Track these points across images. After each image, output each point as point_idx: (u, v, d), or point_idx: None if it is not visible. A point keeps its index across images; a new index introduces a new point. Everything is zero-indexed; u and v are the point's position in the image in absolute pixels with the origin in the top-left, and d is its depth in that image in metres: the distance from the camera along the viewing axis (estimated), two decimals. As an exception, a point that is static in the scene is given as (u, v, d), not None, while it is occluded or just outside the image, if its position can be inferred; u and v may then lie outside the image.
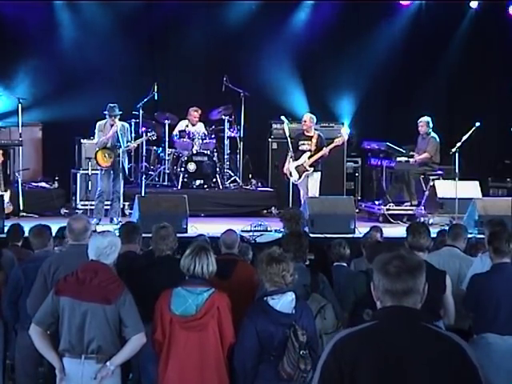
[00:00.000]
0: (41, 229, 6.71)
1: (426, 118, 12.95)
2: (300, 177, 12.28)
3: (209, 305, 5.29)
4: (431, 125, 12.93)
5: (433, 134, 12.91)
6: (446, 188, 12.34)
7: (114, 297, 5.05)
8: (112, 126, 11.82)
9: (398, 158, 13.22)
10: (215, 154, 13.79)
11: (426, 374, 2.97)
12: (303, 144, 12.43)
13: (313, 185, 12.29)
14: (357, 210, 12.32)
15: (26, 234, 8.08)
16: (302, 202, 11.66)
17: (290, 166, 12.35)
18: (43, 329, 5.12)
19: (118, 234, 6.96)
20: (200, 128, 13.88)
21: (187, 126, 13.88)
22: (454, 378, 2.97)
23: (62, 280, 5.17)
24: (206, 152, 13.67)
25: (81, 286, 5.07)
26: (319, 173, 12.39)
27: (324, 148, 12.37)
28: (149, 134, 12.56)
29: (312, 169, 12.27)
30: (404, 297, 3.07)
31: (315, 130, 12.65)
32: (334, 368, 3.01)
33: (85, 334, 5.05)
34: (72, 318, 5.07)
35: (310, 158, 12.27)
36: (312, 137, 12.43)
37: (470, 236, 8.00)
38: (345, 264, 7.48)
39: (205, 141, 13.73)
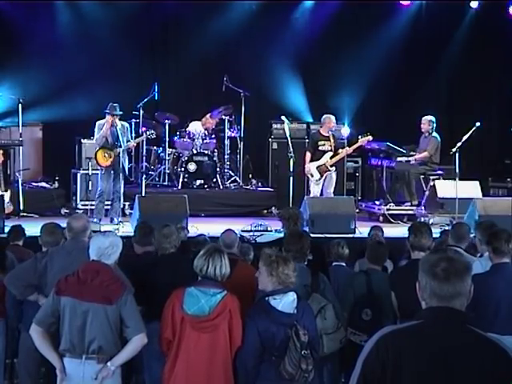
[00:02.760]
0: (54, 227, 6.70)
1: (430, 117, 12.96)
2: (321, 176, 12.42)
3: (222, 306, 5.28)
4: (434, 124, 12.93)
5: (434, 134, 12.93)
6: (446, 188, 12.34)
7: (115, 297, 5.05)
8: (112, 125, 11.82)
9: (398, 158, 13.24)
10: (215, 154, 13.80)
11: (472, 377, 2.95)
12: (323, 144, 12.56)
13: (332, 184, 12.55)
14: (357, 210, 12.33)
15: (27, 234, 8.15)
16: (305, 201, 11.64)
17: (311, 166, 12.46)
18: (44, 329, 5.11)
19: (133, 234, 7.03)
20: (200, 128, 13.89)
21: (187, 125, 13.88)
22: (499, 383, 2.95)
23: (63, 280, 5.15)
24: (206, 152, 13.67)
25: (82, 286, 5.07)
26: (336, 172, 12.64)
27: (347, 148, 12.78)
28: (148, 133, 12.54)
29: (334, 168, 12.50)
30: (451, 299, 3.05)
31: (329, 130, 12.82)
32: (376, 365, 2.98)
33: (86, 334, 5.04)
34: (73, 318, 5.06)
35: (331, 158, 12.40)
36: (329, 137, 12.57)
37: (470, 236, 8.01)
38: (344, 264, 7.48)
39: (205, 141, 13.74)
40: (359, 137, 12.75)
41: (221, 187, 13.80)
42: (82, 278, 5.09)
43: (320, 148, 12.57)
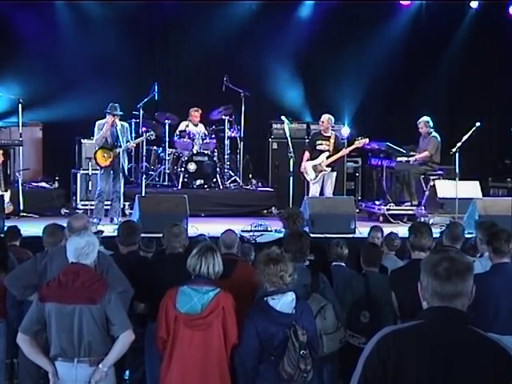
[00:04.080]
0: (54, 228, 6.70)
1: (424, 118, 12.97)
2: (316, 176, 12.41)
3: (214, 304, 5.30)
4: (431, 124, 12.95)
5: (434, 134, 12.93)
6: (446, 188, 12.33)
7: (98, 296, 5.04)
8: (112, 125, 11.82)
9: (398, 158, 13.23)
10: (215, 154, 13.79)
11: (472, 377, 2.96)
12: (321, 144, 12.57)
13: (330, 184, 12.53)
14: (357, 210, 12.31)
15: (26, 234, 8.15)
16: (305, 201, 11.65)
17: (307, 164, 12.46)
18: (30, 336, 5.09)
19: (116, 235, 7.03)
20: (200, 128, 13.90)
21: (187, 126, 13.88)
22: (500, 383, 2.95)
23: (45, 286, 5.14)
24: (206, 152, 13.67)
25: (64, 290, 5.04)
26: (335, 173, 12.62)
27: (344, 149, 12.68)
28: (147, 134, 12.55)
29: (329, 169, 12.46)
30: (453, 299, 3.05)
31: (332, 130, 12.78)
32: (377, 364, 2.98)
33: (74, 337, 5.03)
34: (59, 322, 5.04)
35: (328, 158, 12.40)
36: (329, 137, 12.59)
37: (469, 236, 8.01)
38: (343, 264, 7.48)
39: (205, 141, 13.74)
40: (359, 138, 12.73)
41: (221, 187, 13.80)
42: (63, 282, 5.07)
43: (318, 147, 12.57)
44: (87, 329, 5.02)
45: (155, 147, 14.08)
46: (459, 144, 11.92)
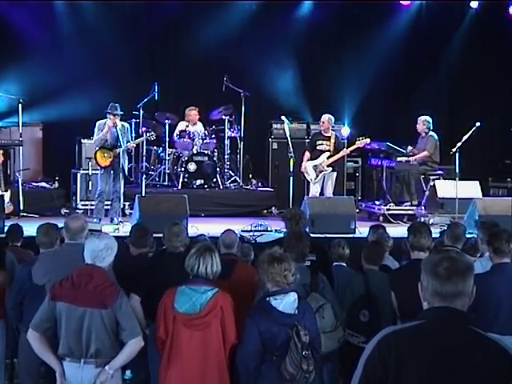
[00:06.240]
0: (48, 227, 6.69)
1: (424, 117, 12.98)
2: (317, 176, 12.42)
3: (212, 304, 5.31)
4: (430, 124, 12.94)
5: (431, 133, 12.94)
6: (446, 188, 12.33)
7: (110, 301, 5.03)
8: (112, 125, 11.82)
9: (398, 158, 13.23)
10: (215, 154, 13.79)
11: (473, 377, 2.96)
12: (321, 144, 12.59)
13: (330, 184, 12.56)
14: (357, 210, 12.32)
15: (27, 234, 8.14)
16: (305, 201, 11.65)
17: (307, 164, 12.47)
18: (40, 333, 5.11)
19: (129, 235, 7.03)
20: (200, 128, 13.89)
21: (187, 126, 13.87)
22: (500, 383, 2.96)
23: (58, 285, 5.14)
24: (206, 152, 13.67)
25: (76, 291, 5.05)
26: (336, 173, 12.65)
27: (344, 149, 12.72)
28: (148, 134, 12.56)
29: (330, 169, 12.49)
30: (453, 299, 3.05)
31: (332, 130, 12.79)
32: (378, 364, 2.99)
33: (83, 339, 5.04)
34: (69, 322, 5.05)
35: (328, 158, 12.41)
36: (330, 137, 12.60)
37: (469, 236, 8.00)
38: (344, 264, 7.48)
39: (205, 141, 13.74)
40: (360, 138, 12.72)
41: (221, 187, 13.80)
42: (76, 283, 5.07)
43: (318, 147, 12.59)
44: (96, 333, 5.03)
45: (155, 147, 14.07)
46: (459, 144, 11.92)
